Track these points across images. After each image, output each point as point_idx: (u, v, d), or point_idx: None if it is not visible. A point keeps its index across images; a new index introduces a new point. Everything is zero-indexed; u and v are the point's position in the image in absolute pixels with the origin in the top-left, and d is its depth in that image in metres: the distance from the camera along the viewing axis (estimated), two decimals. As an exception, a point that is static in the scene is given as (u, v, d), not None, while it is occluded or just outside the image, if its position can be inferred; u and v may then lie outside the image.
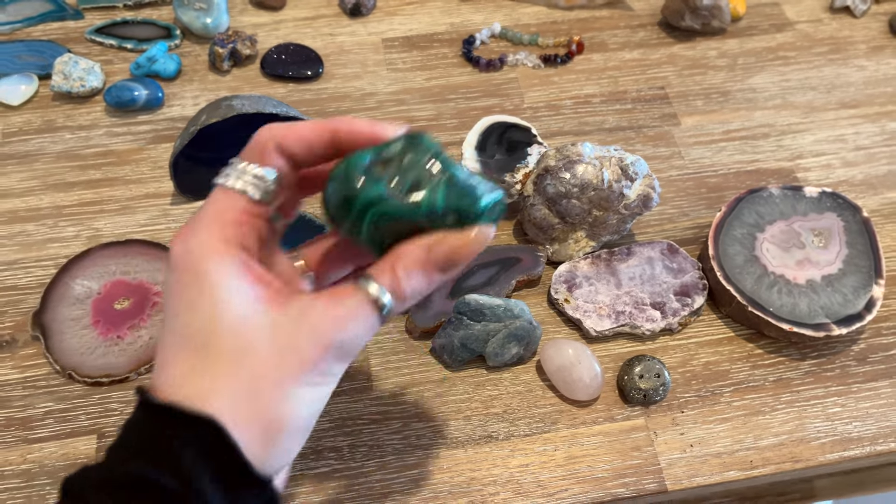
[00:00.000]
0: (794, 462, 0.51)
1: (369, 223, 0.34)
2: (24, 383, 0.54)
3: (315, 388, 0.33)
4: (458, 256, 0.34)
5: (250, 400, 0.31)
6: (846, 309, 0.55)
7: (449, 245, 0.34)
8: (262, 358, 0.32)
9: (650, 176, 0.57)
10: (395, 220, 0.34)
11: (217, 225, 0.33)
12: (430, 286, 0.35)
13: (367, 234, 0.35)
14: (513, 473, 0.50)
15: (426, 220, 0.34)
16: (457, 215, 0.34)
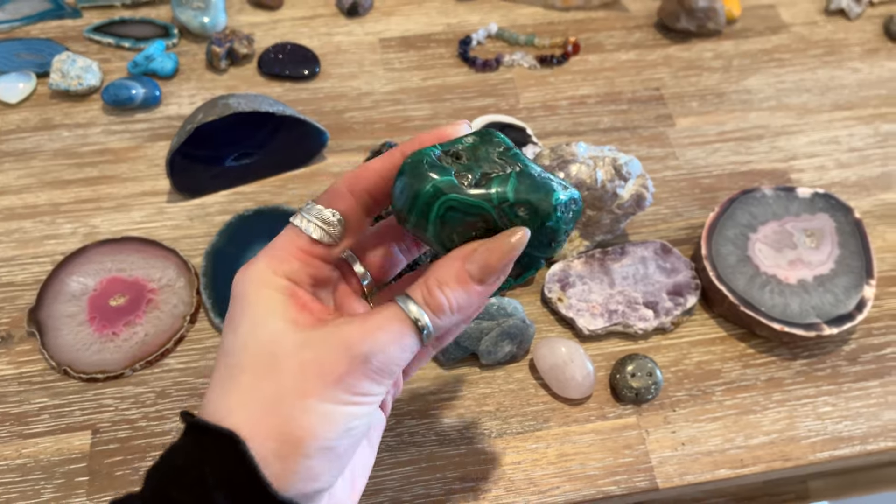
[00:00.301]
0: (784, 461, 0.51)
1: (436, 217, 0.32)
2: (20, 379, 0.54)
3: (343, 407, 0.31)
4: (494, 262, 0.32)
5: (270, 413, 0.31)
6: (837, 309, 0.55)
7: (485, 250, 0.32)
8: (285, 371, 0.31)
9: (643, 176, 0.57)
10: (463, 214, 0.32)
11: (272, 258, 0.34)
12: (472, 299, 0.33)
13: (435, 231, 0.33)
14: (504, 471, 0.51)
15: (496, 214, 0.32)
16: (529, 209, 0.32)
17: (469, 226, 0.32)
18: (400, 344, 0.32)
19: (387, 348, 0.32)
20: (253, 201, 0.63)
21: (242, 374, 0.32)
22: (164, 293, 0.57)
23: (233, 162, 0.65)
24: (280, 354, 0.31)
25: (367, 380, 0.32)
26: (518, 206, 0.32)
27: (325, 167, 0.65)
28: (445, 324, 0.33)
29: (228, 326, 0.33)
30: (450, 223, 0.32)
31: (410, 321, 0.32)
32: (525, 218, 0.32)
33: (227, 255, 0.59)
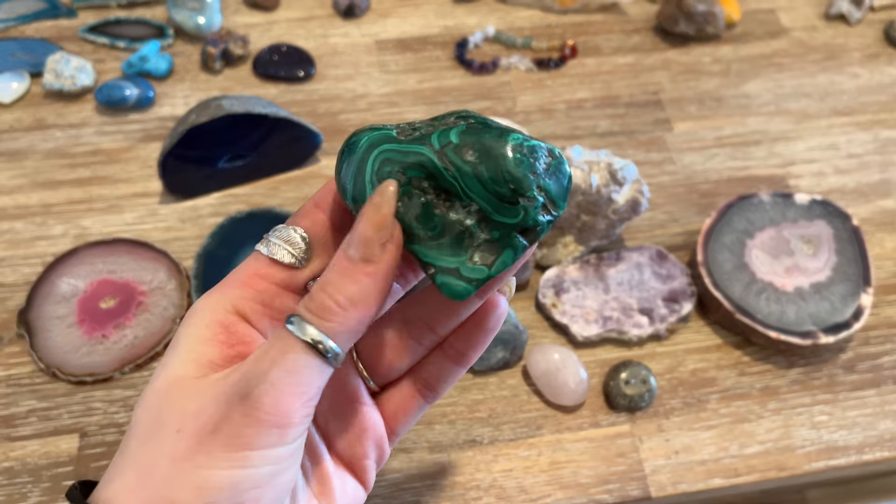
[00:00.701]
0: (779, 470, 0.51)
1: (372, 174, 0.27)
2: (8, 381, 0.53)
3: (225, 472, 0.25)
4: (364, 228, 0.26)
5: (142, 486, 0.25)
6: (834, 317, 0.54)
7: (356, 221, 0.27)
8: (164, 430, 0.26)
9: (639, 181, 0.57)
10: (401, 167, 0.27)
11: (223, 286, 0.29)
12: (364, 284, 0.26)
13: (373, 188, 0.27)
14: (496, 478, 0.50)
15: (439, 162, 0.27)
16: (478, 150, 0.26)
17: (415, 187, 0.27)
18: (290, 367, 0.25)
19: (270, 375, 0.25)
20: (245, 203, 0.63)
21: (129, 439, 0.27)
22: (154, 295, 0.57)
23: (225, 164, 0.64)
24: (165, 409, 0.26)
25: (252, 425, 0.25)
26: (464, 147, 0.26)
27: (319, 170, 0.65)
28: (344, 325, 0.26)
29: None
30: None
31: (298, 340, 0.26)
32: (475, 163, 0.26)
33: (218, 257, 0.58)
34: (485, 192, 0.27)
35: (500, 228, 0.27)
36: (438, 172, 0.27)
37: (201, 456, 0.25)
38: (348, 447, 0.32)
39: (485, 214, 0.27)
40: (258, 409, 0.25)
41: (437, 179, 0.27)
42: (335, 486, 0.31)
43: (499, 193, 0.27)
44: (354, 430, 0.32)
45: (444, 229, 0.27)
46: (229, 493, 0.25)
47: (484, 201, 0.27)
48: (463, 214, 0.27)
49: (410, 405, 0.33)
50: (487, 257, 0.27)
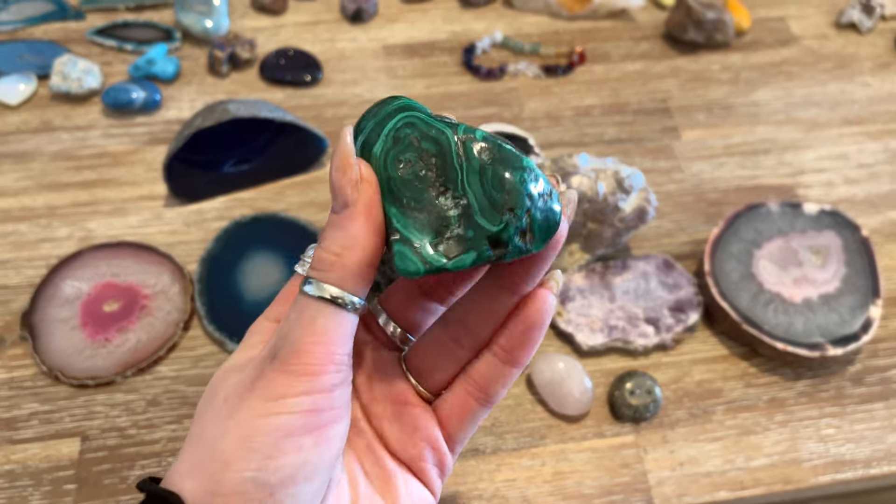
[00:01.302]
0: (785, 483, 0.50)
1: (390, 130, 0.29)
2: (11, 383, 0.53)
3: (265, 420, 0.27)
4: (334, 171, 0.28)
5: (196, 448, 0.28)
6: (842, 329, 0.54)
7: (329, 173, 0.29)
8: (215, 402, 0.29)
9: (646, 189, 0.56)
10: (419, 136, 0.28)
11: (274, 305, 0.32)
12: (348, 228, 0.28)
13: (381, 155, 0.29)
14: (499, 488, 0.50)
15: (455, 146, 0.28)
16: (492, 150, 0.28)
17: (422, 158, 0.28)
18: (308, 323, 0.28)
19: (295, 335, 0.27)
20: (250, 208, 0.62)
21: (194, 422, 0.29)
22: (158, 299, 0.57)
23: (231, 167, 0.64)
24: (216, 390, 0.29)
25: (283, 377, 0.27)
26: (484, 145, 0.28)
27: (324, 174, 0.65)
28: (347, 272, 0.28)
29: None
30: (401, 144, 0.28)
31: (310, 297, 0.28)
32: (486, 161, 0.28)
33: (222, 261, 0.58)
34: (481, 190, 0.28)
35: (477, 230, 0.28)
36: (449, 155, 0.28)
37: (242, 411, 0.27)
38: (403, 449, 0.32)
39: (469, 212, 0.28)
40: (286, 362, 0.27)
41: (444, 161, 0.28)
42: (398, 485, 0.31)
43: (492, 197, 0.28)
44: (406, 430, 0.32)
45: (427, 207, 0.28)
46: (269, 438, 0.27)
47: (475, 199, 0.28)
48: (451, 203, 0.28)
49: (464, 408, 0.32)
50: (452, 250, 0.28)
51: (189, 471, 0.28)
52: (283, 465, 0.27)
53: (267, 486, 0.26)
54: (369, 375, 0.33)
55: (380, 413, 0.33)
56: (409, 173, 0.28)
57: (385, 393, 0.33)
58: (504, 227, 0.28)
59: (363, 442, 0.32)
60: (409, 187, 0.28)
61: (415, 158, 0.28)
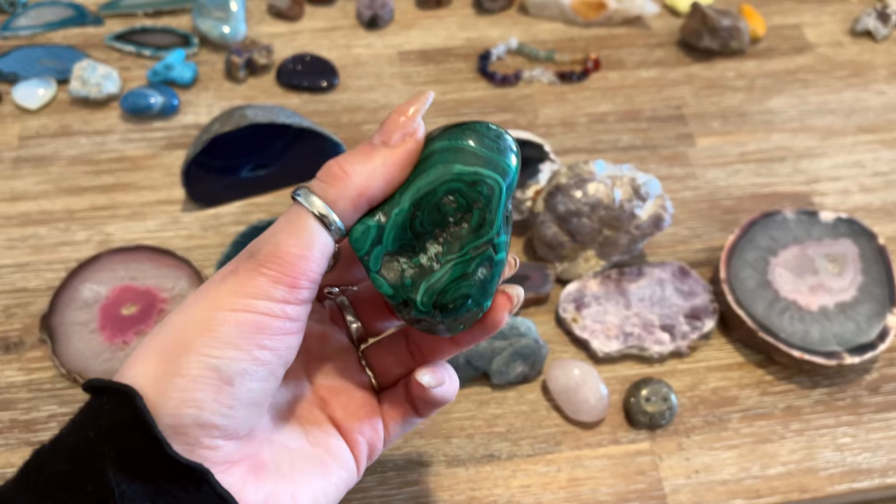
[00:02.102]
0: (801, 492, 0.50)
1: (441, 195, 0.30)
2: (30, 386, 0.54)
3: (234, 314, 0.28)
4: (395, 117, 0.30)
5: (157, 336, 0.28)
6: (859, 337, 0.54)
7: (391, 114, 0.30)
8: (187, 298, 0.29)
9: (662, 196, 0.56)
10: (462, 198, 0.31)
11: None
12: (373, 161, 0.29)
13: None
14: (514, 494, 0.50)
15: None
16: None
17: (459, 210, 0.31)
18: (292, 229, 0.28)
19: (276, 236, 0.28)
20: (267, 213, 0.63)
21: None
22: (175, 303, 0.57)
23: (248, 173, 0.64)
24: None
25: (258, 277, 0.28)
26: (487, 265, 0.31)
27: (341, 180, 0.65)
28: (345, 194, 0.29)
29: None
30: (468, 186, 0.30)
31: (302, 206, 0.29)
32: (479, 271, 0.31)
33: (239, 266, 0.58)
34: (446, 280, 0.31)
35: (413, 287, 0.31)
36: (470, 240, 0.31)
37: (208, 300, 0.28)
38: (344, 419, 0.34)
39: (428, 275, 0.31)
40: (264, 263, 0.28)
41: (465, 237, 0.31)
42: (330, 441, 0.34)
43: (445, 293, 0.31)
44: (352, 406, 0.35)
45: (420, 237, 0.31)
46: (235, 331, 0.27)
47: (438, 279, 0.31)
48: (433, 257, 0.31)
49: (400, 411, 0.35)
50: (390, 272, 0.31)
51: (143, 357, 0.28)
52: (244, 358, 0.28)
53: (226, 374, 0.27)
54: (324, 354, 0.35)
55: (329, 385, 0.35)
56: (445, 207, 0.30)
57: (337, 369, 0.35)
58: (421, 310, 0.31)
59: (307, 399, 0.35)
60: (433, 214, 0.30)
61: (463, 208, 0.30)
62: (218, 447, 0.28)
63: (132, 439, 0.26)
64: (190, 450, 0.28)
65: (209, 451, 0.28)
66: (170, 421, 0.27)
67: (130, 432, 0.26)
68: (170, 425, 0.27)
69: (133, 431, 0.26)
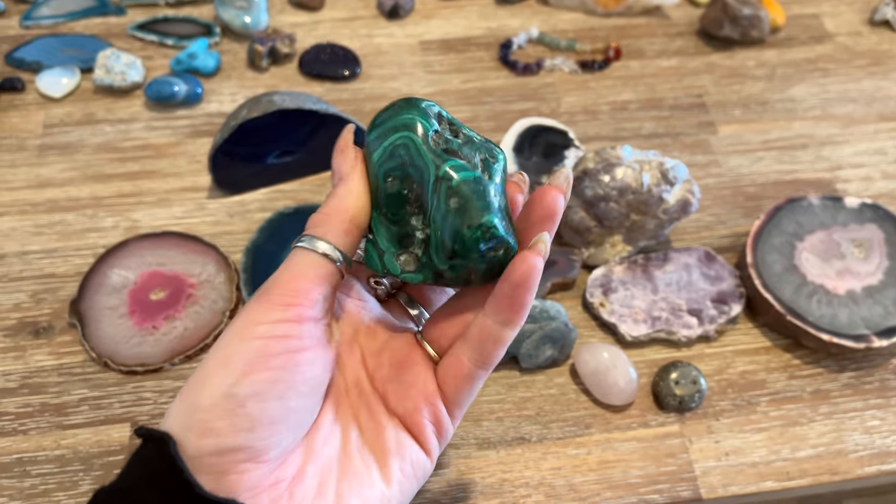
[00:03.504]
0: (831, 474, 0.50)
1: (388, 146, 0.32)
2: (60, 370, 0.54)
3: (243, 343, 0.30)
4: (336, 163, 0.34)
5: (190, 378, 0.31)
6: (887, 321, 0.54)
7: (332, 162, 0.35)
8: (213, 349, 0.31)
9: (690, 181, 0.57)
10: (407, 163, 0.32)
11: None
12: (341, 199, 0.33)
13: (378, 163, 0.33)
14: (545, 476, 0.50)
15: (430, 185, 0.32)
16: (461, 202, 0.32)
17: (406, 179, 0.32)
18: (292, 266, 0.32)
19: (281, 276, 0.32)
20: (293, 199, 0.63)
21: None
22: (203, 288, 0.57)
23: (274, 159, 0.65)
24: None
25: (265, 306, 0.31)
26: (454, 193, 0.31)
27: (365, 167, 0.65)
28: (333, 228, 0.32)
29: None
30: (393, 160, 0.32)
31: (298, 247, 0.32)
32: (449, 209, 0.32)
33: (266, 252, 0.59)
34: (440, 233, 0.32)
35: (429, 259, 0.33)
36: (426, 188, 0.32)
37: (223, 339, 0.31)
38: (400, 403, 0.34)
39: (427, 242, 0.33)
40: (263, 295, 0.31)
41: (422, 190, 0.32)
42: (389, 440, 0.34)
43: (444, 242, 0.32)
44: (404, 386, 0.34)
45: (400, 221, 0.33)
46: (243, 356, 0.30)
47: (434, 235, 0.32)
48: (420, 226, 0.33)
49: (458, 368, 0.34)
50: (408, 264, 0.33)
51: (178, 399, 0.30)
52: (254, 381, 0.29)
53: (238, 398, 0.29)
54: (381, 348, 0.36)
55: (384, 376, 0.35)
56: (393, 188, 0.33)
57: (392, 359, 0.35)
58: (449, 268, 0.33)
59: (363, 401, 0.35)
60: (391, 200, 0.33)
61: (401, 177, 0.32)
62: (247, 471, 0.30)
63: (170, 484, 0.29)
64: (220, 479, 0.29)
65: (238, 476, 0.29)
66: (194, 453, 0.29)
67: (168, 478, 0.29)
68: (195, 457, 0.29)
69: (170, 477, 0.29)
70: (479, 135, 0.35)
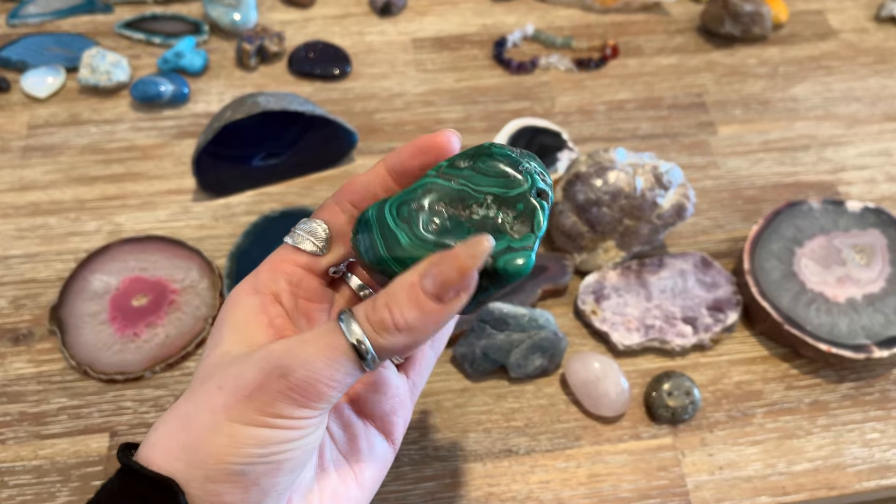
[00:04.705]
0: (829, 489, 0.49)
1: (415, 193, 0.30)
2: (39, 378, 0.53)
3: (255, 429, 0.28)
4: (453, 273, 0.27)
5: (182, 431, 0.28)
6: (888, 330, 0.52)
7: (442, 260, 0.28)
8: (208, 389, 0.29)
9: (685, 185, 0.55)
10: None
11: (256, 273, 0.33)
12: (426, 318, 0.28)
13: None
14: (532, 490, 0.49)
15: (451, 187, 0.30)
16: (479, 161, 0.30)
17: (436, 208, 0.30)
18: (330, 361, 0.28)
19: (312, 364, 0.28)
20: (279, 202, 0.62)
21: (180, 399, 0.30)
22: (186, 294, 0.56)
23: (260, 161, 0.63)
24: (212, 373, 0.29)
25: (285, 399, 0.28)
26: (464, 168, 0.30)
27: (354, 169, 0.64)
28: (391, 344, 0.28)
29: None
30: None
31: (345, 338, 0.28)
32: (472, 167, 0.31)
33: (251, 256, 0.57)
34: (492, 179, 0.30)
35: (520, 200, 0.30)
36: (450, 189, 0.30)
37: (235, 412, 0.28)
38: (377, 405, 0.34)
39: (501, 198, 0.30)
40: (293, 389, 0.28)
41: (450, 196, 0.30)
42: (361, 443, 0.34)
43: (501, 172, 0.30)
44: (379, 393, 0.34)
45: (478, 229, 0.30)
46: (257, 445, 0.28)
47: (494, 186, 0.30)
48: (485, 210, 0.30)
49: (420, 354, 0.35)
50: (525, 226, 0.30)
51: (177, 453, 0.28)
52: (269, 461, 0.29)
53: (253, 476, 0.28)
54: None
55: (356, 388, 0.34)
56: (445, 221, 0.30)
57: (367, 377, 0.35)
58: (531, 177, 0.30)
59: (335, 411, 0.34)
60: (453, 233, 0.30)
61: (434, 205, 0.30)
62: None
63: None
64: None
65: None
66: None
67: None
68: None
69: None
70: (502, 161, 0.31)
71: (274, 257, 0.33)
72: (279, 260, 0.33)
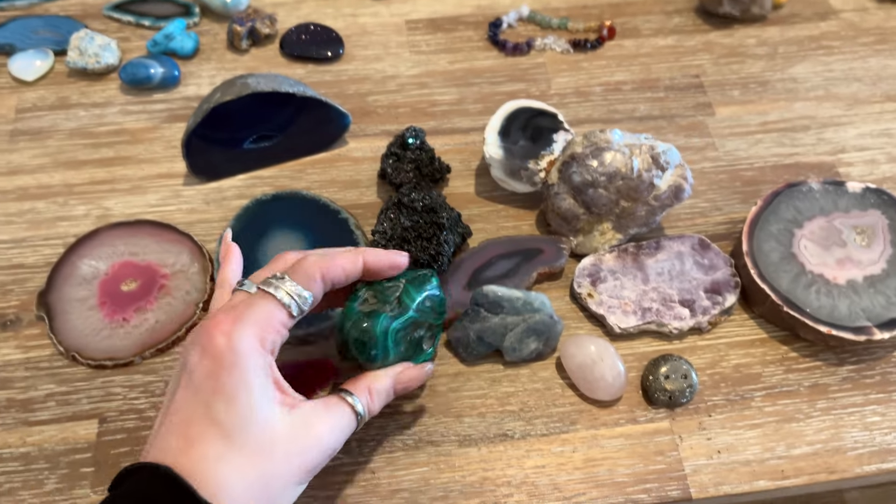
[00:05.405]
0: (828, 473, 0.48)
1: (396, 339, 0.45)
2: (27, 364, 0.52)
3: (304, 486, 0.40)
4: (412, 385, 0.46)
5: (262, 493, 0.37)
6: (889, 312, 0.51)
7: (408, 376, 0.45)
8: (277, 458, 0.38)
9: (682, 166, 0.54)
10: None
11: (261, 329, 0.39)
12: (387, 402, 0.45)
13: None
14: (528, 475, 0.48)
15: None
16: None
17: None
18: (348, 435, 0.42)
19: (342, 441, 0.42)
20: (271, 186, 0.61)
21: (242, 451, 0.37)
22: (176, 279, 0.55)
23: (251, 144, 0.62)
24: (274, 439, 0.38)
25: (324, 463, 0.41)
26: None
27: (347, 152, 0.63)
28: (376, 408, 0.44)
29: (220, 394, 0.37)
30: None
31: (357, 418, 0.42)
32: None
33: (243, 240, 0.56)
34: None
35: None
36: None
37: (304, 477, 0.40)
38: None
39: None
40: (331, 455, 0.42)
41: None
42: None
43: None
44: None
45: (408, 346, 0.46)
46: (300, 492, 0.41)
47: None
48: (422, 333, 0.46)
49: None
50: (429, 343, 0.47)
51: (244, 494, 0.37)
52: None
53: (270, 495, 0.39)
54: None
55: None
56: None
57: None
58: None
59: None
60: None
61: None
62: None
63: None
64: None
65: None
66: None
67: None
68: None
69: None
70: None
71: (270, 315, 0.40)
72: (276, 320, 0.40)
